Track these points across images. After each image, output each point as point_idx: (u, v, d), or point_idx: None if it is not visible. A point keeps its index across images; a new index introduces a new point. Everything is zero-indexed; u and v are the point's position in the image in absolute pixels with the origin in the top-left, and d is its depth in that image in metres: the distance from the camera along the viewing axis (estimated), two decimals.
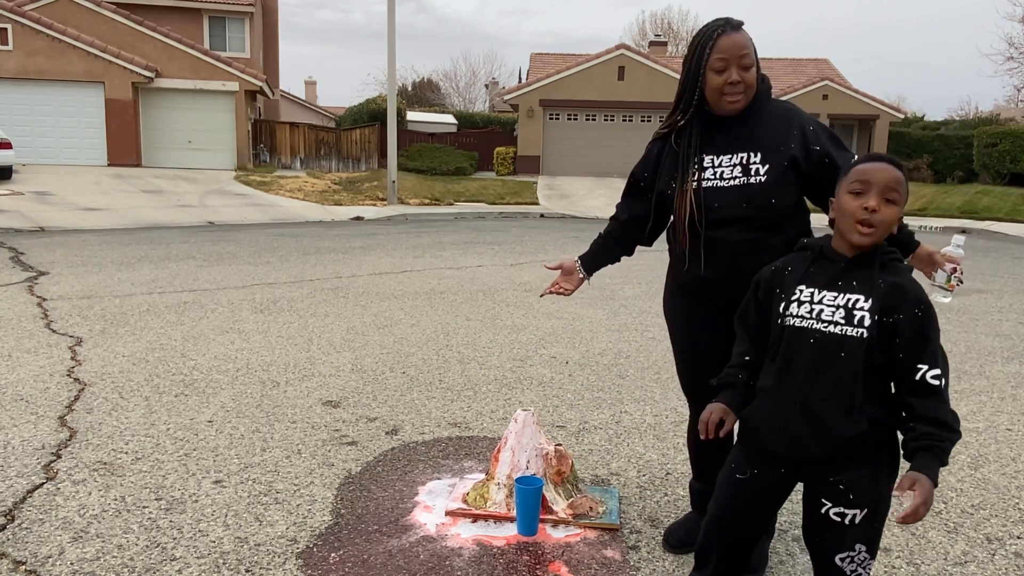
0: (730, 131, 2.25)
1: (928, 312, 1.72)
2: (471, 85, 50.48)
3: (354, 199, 18.45)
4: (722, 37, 2.16)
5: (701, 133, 2.27)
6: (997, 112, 32.63)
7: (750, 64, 2.17)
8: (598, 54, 25.87)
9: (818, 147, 2.21)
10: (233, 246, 10.43)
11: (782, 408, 1.82)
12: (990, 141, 23.09)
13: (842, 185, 1.83)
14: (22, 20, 20.15)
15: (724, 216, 2.20)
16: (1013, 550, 2.68)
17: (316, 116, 38.16)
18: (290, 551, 2.52)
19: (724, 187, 2.21)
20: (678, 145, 2.31)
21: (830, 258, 1.84)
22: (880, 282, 1.74)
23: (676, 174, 2.29)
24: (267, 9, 28.27)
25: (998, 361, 5.27)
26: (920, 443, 1.72)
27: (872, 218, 1.74)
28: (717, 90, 2.19)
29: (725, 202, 2.21)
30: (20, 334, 5.23)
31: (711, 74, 2.18)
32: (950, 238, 2.16)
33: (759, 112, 2.24)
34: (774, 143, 2.21)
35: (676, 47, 41.93)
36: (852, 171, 1.81)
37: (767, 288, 1.93)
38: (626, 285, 7.80)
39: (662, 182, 2.35)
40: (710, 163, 2.25)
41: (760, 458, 1.89)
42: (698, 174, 2.25)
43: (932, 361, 1.71)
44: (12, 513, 2.70)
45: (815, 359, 1.77)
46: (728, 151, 2.24)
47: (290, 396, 4.09)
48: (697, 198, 2.23)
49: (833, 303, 1.77)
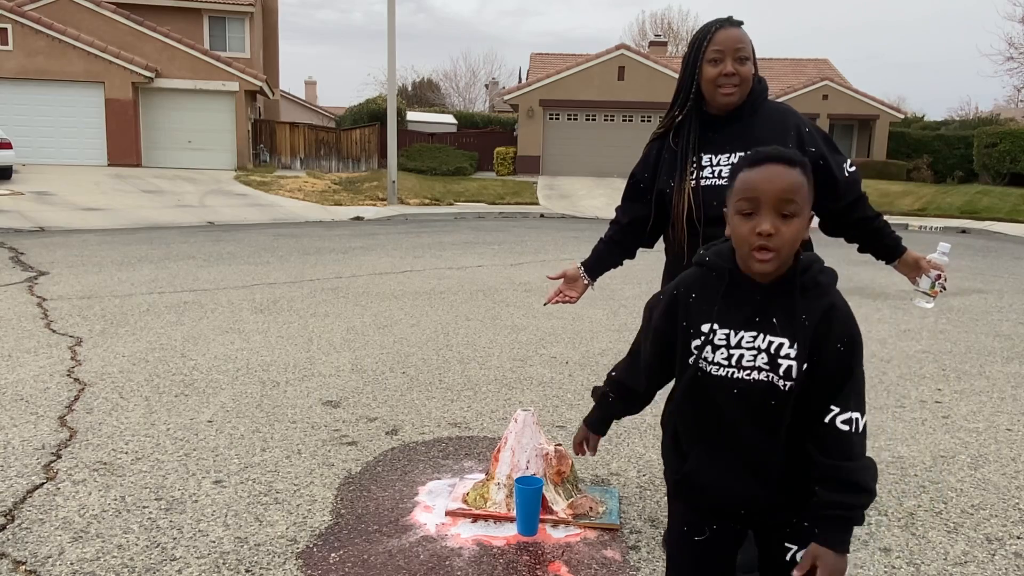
0: (727, 130, 2.25)
1: (853, 346, 1.47)
2: (471, 85, 50.52)
3: (354, 199, 18.45)
4: (720, 31, 2.19)
5: (698, 132, 2.27)
6: (997, 112, 32.65)
7: (746, 57, 2.18)
8: (598, 54, 25.88)
9: (813, 148, 2.22)
10: (233, 246, 10.43)
11: (727, 464, 1.57)
12: (990, 141, 23.10)
13: (730, 200, 1.52)
14: (22, 20, 20.16)
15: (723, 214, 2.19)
16: (1013, 550, 2.68)
17: (316, 116, 38.17)
18: (290, 551, 2.51)
19: (722, 185, 2.18)
20: (676, 144, 2.31)
21: (741, 286, 1.52)
22: (804, 318, 1.46)
23: (674, 173, 2.30)
24: (267, 9, 28.28)
25: (998, 361, 5.27)
26: (825, 512, 1.45)
27: (769, 243, 1.43)
28: (712, 82, 2.19)
29: (723, 200, 2.19)
30: (20, 334, 5.23)
31: (707, 66, 2.20)
32: (951, 237, 2.16)
33: (756, 112, 2.25)
34: (771, 142, 2.20)
35: (676, 47, 41.92)
36: (737, 180, 1.49)
37: (667, 316, 1.62)
38: (626, 285, 7.80)
39: (661, 181, 2.35)
40: (708, 162, 2.26)
41: (714, 514, 1.65)
42: (696, 172, 2.25)
43: (845, 403, 1.45)
44: (12, 513, 2.70)
45: (744, 410, 1.52)
46: (726, 150, 2.24)
47: (290, 396, 4.09)
48: (695, 196, 2.23)
49: (753, 345, 1.50)
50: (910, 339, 5.73)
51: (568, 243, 12.10)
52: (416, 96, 45.86)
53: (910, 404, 4.29)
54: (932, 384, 4.70)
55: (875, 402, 4.30)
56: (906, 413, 4.13)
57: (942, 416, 4.10)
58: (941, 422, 4.00)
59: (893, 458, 3.49)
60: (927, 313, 6.78)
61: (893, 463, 3.43)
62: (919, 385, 4.66)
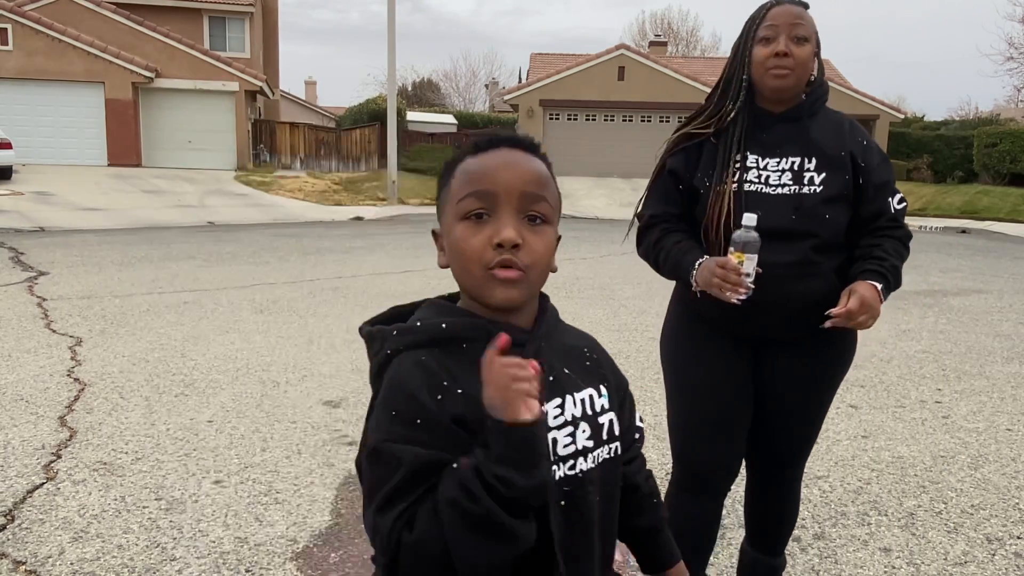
0: (780, 130, 1.90)
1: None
2: (471, 85, 50.49)
3: (354, 199, 18.45)
4: (775, 7, 1.86)
5: (745, 127, 1.91)
6: (997, 112, 32.64)
7: (805, 38, 1.83)
8: (598, 54, 25.87)
9: (864, 164, 1.89)
10: (233, 246, 10.43)
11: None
12: (990, 141, 23.10)
13: (446, 205, 1.07)
14: (22, 20, 20.15)
15: (768, 227, 1.77)
16: (1013, 550, 2.68)
17: (316, 116, 38.15)
18: (290, 551, 2.51)
19: (770, 194, 1.85)
20: (716, 140, 1.94)
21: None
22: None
23: (712, 171, 1.91)
24: (267, 9, 28.27)
25: (998, 361, 5.27)
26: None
27: (517, 257, 1.02)
28: (762, 64, 1.84)
29: (770, 211, 1.81)
30: (20, 334, 5.23)
31: (758, 47, 1.86)
32: (951, 237, 2.09)
33: (815, 114, 1.91)
34: (833, 149, 1.88)
35: (676, 47, 41.95)
36: (457, 172, 1.06)
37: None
38: (626, 285, 7.80)
39: (697, 179, 1.95)
40: (754, 163, 1.89)
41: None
42: (739, 174, 1.88)
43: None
44: (12, 513, 2.70)
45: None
46: (777, 153, 1.88)
47: (290, 396, 4.09)
48: (736, 201, 1.84)
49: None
50: (910, 339, 5.73)
51: (568, 243, 12.09)
52: (416, 96, 45.85)
53: (910, 404, 4.29)
54: (932, 384, 4.70)
55: (875, 402, 4.30)
56: (906, 413, 4.13)
57: (942, 416, 4.10)
58: (941, 422, 4.00)
59: (893, 458, 3.48)
60: (927, 313, 6.79)
61: (893, 463, 3.43)
62: (919, 385, 4.66)
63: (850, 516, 2.90)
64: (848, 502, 3.02)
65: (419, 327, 1.05)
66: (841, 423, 3.92)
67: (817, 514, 2.90)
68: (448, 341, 1.02)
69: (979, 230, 16.51)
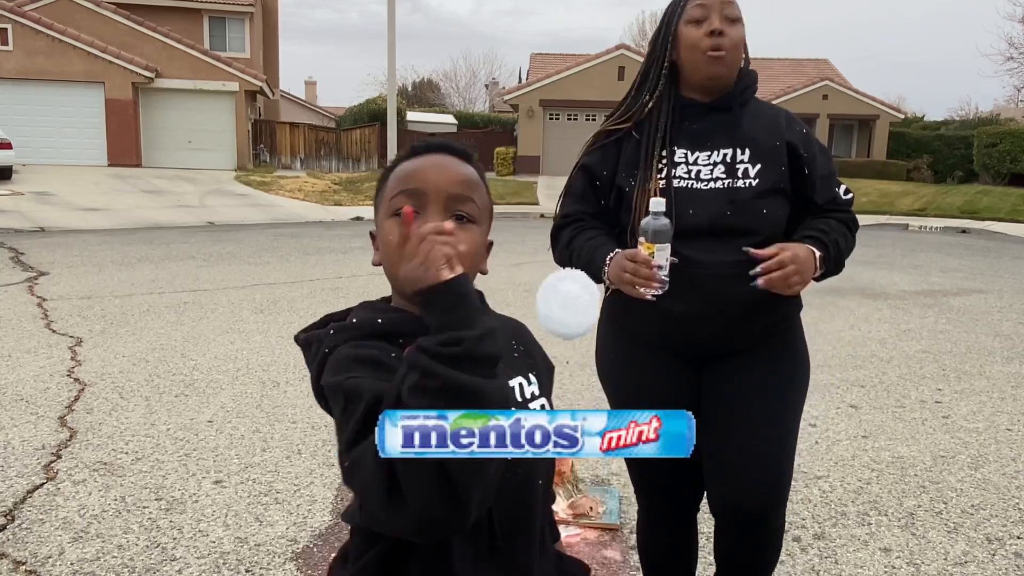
0: (709, 121, 1.74)
1: None
2: (471, 85, 50.50)
3: (354, 199, 18.44)
4: None
5: (671, 118, 1.74)
6: (997, 112, 32.64)
7: (735, 17, 1.68)
8: (598, 54, 25.89)
9: (806, 154, 1.76)
10: (233, 246, 10.43)
11: None
12: (990, 141, 23.11)
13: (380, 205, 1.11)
14: (22, 20, 20.15)
15: (703, 225, 1.66)
16: (1013, 550, 2.68)
17: (316, 116, 38.14)
18: (290, 551, 2.51)
19: (701, 190, 1.69)
20: (638, 134, 1.77)
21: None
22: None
23: (636, 169, 1.74)
24: (267, 9, 28.27)
25: (998, 361, 5.27)
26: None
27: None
28: (695, 46, 1.67)
29: (703, 207, 1.67)
30: (20, 334, 5.23)
31: (687, 29, 1.68)
32: (951, 237, 2.06)
33: (745, 103, 1.76)
34: (767, 140, 1.73)
35: None
36: (391, 177, 1.10)
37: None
38: None
39: (620, 177, 1.77)
40: (683, 158, 1.73)
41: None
42: (667, 170, 1.71)
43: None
44: (12, 513, 2.70)
45: None
46: (707, 146, 1.73)
47: (290, 396, 4.09)
48: (666, 199, 1.64)
49: None
50: (910, 339, 5.73)
51: None
52: (416, 96, 45.86)
53: (910, 404, 4.29)
54: (932, 384, 4.70)
55: (875, 402, 4.30)
56: (906, 413, 4.13)
57: (942, 416, 4.10)
58: (941, 422, 4.00)
59: (893, 458, 3.49)
60: (927, 313, 6.79)
61: (893, 463, 3.43)
62: (919, 385, 4.66)
63: (850, 516, 2.90)
64: (848, 502, 3.02)
65: (356, 323, 1.06)
66: (841, 423, 3.92)
67: (817, 514, 2.90)
68: (385, 336, 1.03)
69: (979, 230, 16.50)
